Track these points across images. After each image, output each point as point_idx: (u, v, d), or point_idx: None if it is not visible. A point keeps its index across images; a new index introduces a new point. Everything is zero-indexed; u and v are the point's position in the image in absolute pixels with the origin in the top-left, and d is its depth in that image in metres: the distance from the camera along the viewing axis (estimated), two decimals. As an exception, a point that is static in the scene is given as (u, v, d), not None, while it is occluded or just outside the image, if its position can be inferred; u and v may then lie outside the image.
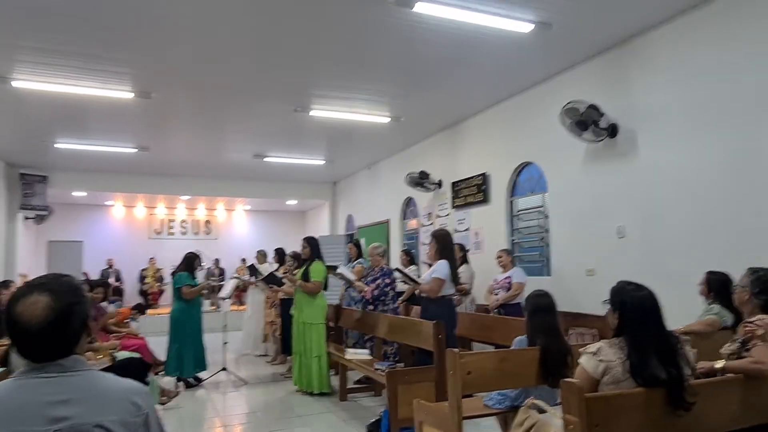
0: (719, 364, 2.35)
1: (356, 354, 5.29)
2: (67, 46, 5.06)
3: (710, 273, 3.72)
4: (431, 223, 8.59)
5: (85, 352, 4.03)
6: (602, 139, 5.19)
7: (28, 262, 11.35)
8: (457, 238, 7.27)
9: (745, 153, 4.08)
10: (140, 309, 8.40)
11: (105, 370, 3.80)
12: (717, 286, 3.61)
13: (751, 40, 4.04)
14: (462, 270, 6.19)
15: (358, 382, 5.90)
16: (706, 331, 3.40)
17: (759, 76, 3.98)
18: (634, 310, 2.14)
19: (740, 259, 3.73)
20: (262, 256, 8.47)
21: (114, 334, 5.84)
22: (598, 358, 2.10)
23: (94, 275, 12.52)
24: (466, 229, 7.64)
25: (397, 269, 5.38)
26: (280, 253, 7.79)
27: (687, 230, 4.49)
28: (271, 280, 6.31)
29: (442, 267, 4.56)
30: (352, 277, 6.08)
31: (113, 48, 5.13)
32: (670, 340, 2.12)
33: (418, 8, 4.32)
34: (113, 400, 1.28)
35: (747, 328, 2.34)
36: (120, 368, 3.96)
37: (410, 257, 7.33)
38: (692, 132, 4.48)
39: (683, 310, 3.86)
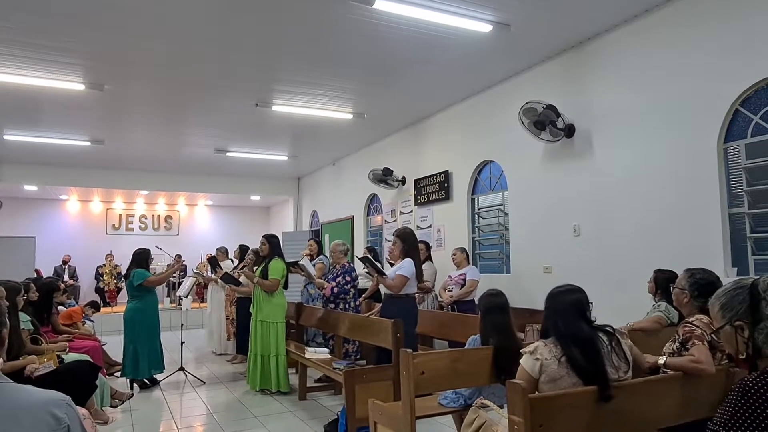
0: (661, 360, 2.43)
1: (315, 353, 5.25)
2: (11, 35, 4.83)
3: (658, 271, 3.83)
4: (395, 220, 8.61)
5: (29, 354, 3.88)
6: (559, 139, 5.29)
7: (-26, 259, 10.84)
8: (419, 235, 7.30)
9: (692, 154, 4.22)
10: (94, 306, 8.06)
11: (50, 373, 3.67)
12: (664, 284, 3.71)
13: (699, 44, 4.18)
14: (425, 267, 6.23)
15: (318, 380, 5.86)
16: (653, 328, 3.51)
17: (706, 79, 4.12)
18: (556, 310, 2.26)
19: (688, 257, 3.88)
20: (222, 253, 8.31)
21: (64, 335, 5.63)
22: (534, 357, 2.15)
23: (48, 272, 12.07)
24: (429, 226, 7.68)
25: (366, 257, 5.28)
26: (243, 250, 7.68)
27: (637, 229, 4.62)
28: (229, 279, 6.22)
29: (408, 265, 4.57)
30: (312, 271, 6.04)
31: (61, 38, 4.92)
32: (593, 338, 2.19)
33: (378, 5, 4.29)
34: (30, 415, 1.20)
35: (686, 328, 2.42)
36: (67, 371, 3.81)
37: (373, 254, 7.32)
38: (643, 133, 4.61)
39: (634, 306, 3.99)
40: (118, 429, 4.46)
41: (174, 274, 8.87)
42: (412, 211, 8.14)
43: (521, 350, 2.27)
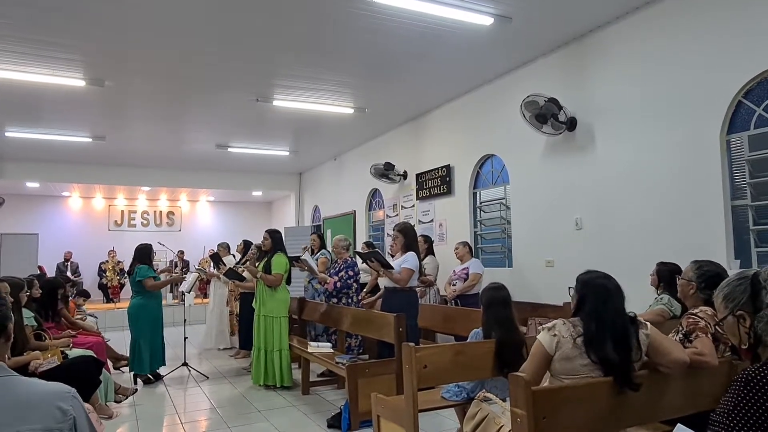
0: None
1: (318, 347, 5.26)
2: (11, 31, 4.82)
3: (661, 264, 3.82)
4: (396, 215, 8.60)
5: (33, 350, 3.90)
6: (561, 133, 5.27)
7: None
8: (421, 230, 7.32)
9: (694, 147, 4.20)
10: (83, 294, 8.01)
11: (54, 369, 3.69)
12: (667, 277, 3.69)
13: (700, 36, 4.15)
14: (427, 261, 6.24)
15: (321, 375, 5.88)
16: (656, 320, 3.49)
17: (708, 71, 4.10)
18: (594, 289, 2.21)
19: (690, 250, 3.86)
20: (224, 249, 8.32)
21: (67, 331, 5.64)
22: (552, 333, 2.16)
23: (51, 269, 12.11)
24: (431, 221, 7.68)
25: (375, 251, 5.27)
26: (246, 245, 7.68)
27: (640, 222, 4.61)
28: (232, 275, 6.21)
29: (412, 258, 4.59)
30: (314, 266, 6.05)
31: (61, 34, 4.91)
32: (625, 324, 2.16)
33: (379, -2, 4.28)
34: (35, 407, 1.21)
35: (690, 320, 2.41)
36: (70, 367, 3.83)
37: (371, 248, 7.32)
38: (645, 126, 4.59)
39: (636, 299, 3.96)
40: (122, 424, 4.49)
41: (175, 272, 8.94)
42: (413, 206, 8.13)
43: (539, 327, 2.27)
